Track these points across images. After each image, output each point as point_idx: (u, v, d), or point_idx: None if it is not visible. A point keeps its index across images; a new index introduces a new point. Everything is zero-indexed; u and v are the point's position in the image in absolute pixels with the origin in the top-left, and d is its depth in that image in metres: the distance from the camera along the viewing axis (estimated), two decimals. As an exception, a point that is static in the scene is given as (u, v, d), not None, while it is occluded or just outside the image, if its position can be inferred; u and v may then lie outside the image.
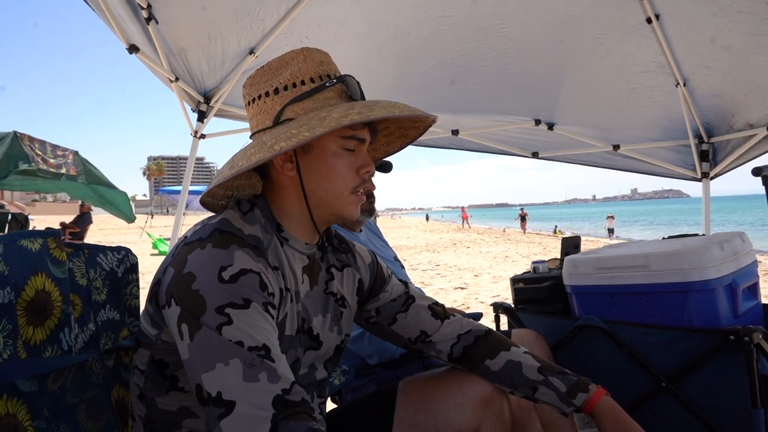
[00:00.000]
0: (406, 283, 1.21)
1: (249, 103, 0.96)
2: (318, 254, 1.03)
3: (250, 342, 0.75)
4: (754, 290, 1.74)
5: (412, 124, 1.04)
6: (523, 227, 27.87)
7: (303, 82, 0.91)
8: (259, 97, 0.93)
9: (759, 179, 1.63)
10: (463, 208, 36.59)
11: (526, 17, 2.33)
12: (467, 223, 33.62)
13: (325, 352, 1.02)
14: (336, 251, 1.10)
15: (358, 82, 0.94)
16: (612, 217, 25.25)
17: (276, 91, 0.92)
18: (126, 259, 1.12)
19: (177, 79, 2.47)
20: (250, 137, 0.96)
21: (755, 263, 1.78)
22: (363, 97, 0.94)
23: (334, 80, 0.92)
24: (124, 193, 8.12)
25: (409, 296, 1.18)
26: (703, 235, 2.23)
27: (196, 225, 0.90)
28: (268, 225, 0.92)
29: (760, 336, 1.40)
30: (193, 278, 0.78)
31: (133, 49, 2.16)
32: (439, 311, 1.18)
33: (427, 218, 54.36)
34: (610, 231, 24.07)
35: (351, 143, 0.91)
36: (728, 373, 1.44)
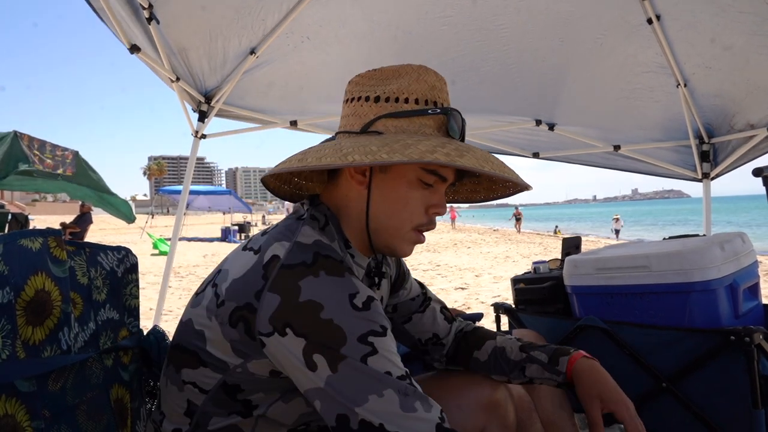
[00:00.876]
0: (421, 283, 1.20)
1: (347, 101, 0.92)
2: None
3: (396, 371, 0.73)
4: (754, 290, 1.74)
5: (502, 181, 0.99)
6: (518, 227, 27.39)
7: (407, 100, 0.87)
8: (359, 98, 0.90)
9: (760, 180, 1.63)
10: (452, 208, 36.18)
11: (527, 18, 2.32)
12: (454, 223, 33.18)
13: None
14: None
15: (464, 121, 0.90)
16: (618, 219, 24.04)
17: (377, 99, 0.88)
18: (126, 259, 1.12)
19: (178, 79, 2.48)
20: (335, 134, 0.94)
21: (756, 263, 1.78)
22: (463, 137, 0.90)
23: (438, 110, 0.87)
24: (124, 200, 8.12)
25: (427, 297, 1.17)
26: (704, 235, 2.23)
27: (280, 242, 0.82)
28: (340, 241, 0.89)
29: (761, 336, 1.40)
30: (320, 307, 0.74)
31: (134, 49, 2.16)
32: (448, 314, 1.19)
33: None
34: (616, 232, 23.15)
35: (431, 178, 0.87)
36: (729, 373, 1.44)
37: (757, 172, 1.59)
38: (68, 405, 0.90)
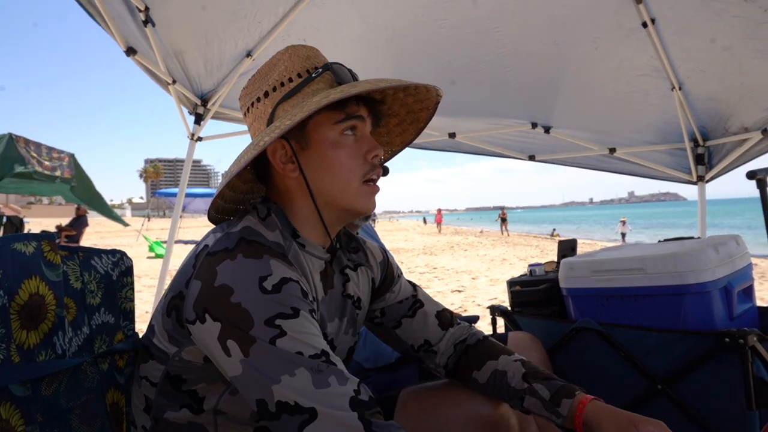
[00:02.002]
0: (415, 286, 1.16)
1: (245, 114, 0.94)
2: (331, 256, 0.99)
3: (308, 351, 0.73)
4: (748, 293, 1.75)
5: (419, 105, 1.00)
6: (504, 228, 26.73)
7: (291, 80, 0.89)
8: (252, 104, 0.92)
9: (754, 182, 1.63)
10: (438, 210, 34.30)
11: (523, 21, 2.34)
12: (440, 226, 31.63)
13: (338, 354, 0.97)
14: (347, 251, 1.05)
15: (349, 69, 0.91)
16: (625, 222, 22.40)
17: (266, 94, 0.90)
18: (121, 263, 1.12)
19: (174, 81, 2.48)
20: None
21: (750, 266, 1.78)
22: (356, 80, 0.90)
23: (320, 70, 0.89)
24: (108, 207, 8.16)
25: (416, 300, 1.12)
26: (699, 238, 2.24)
27: (215, 233, 0.86)
28: (286, 230, 0.89)
29: (755, 338, 1.41)
30: (230, 291, 0.75)
31: (130, 51, 2.16)
32: (445, 319, 1.12)
33: (425, 221, 54.27)
34: (623, 236, 21.53)
35: (348, 124, 0.87)
36: (723, 375, 1.45)
37: (750, 175, 1.59)
38: (62, 409, 0.90)
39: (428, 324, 1.10)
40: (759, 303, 1.83)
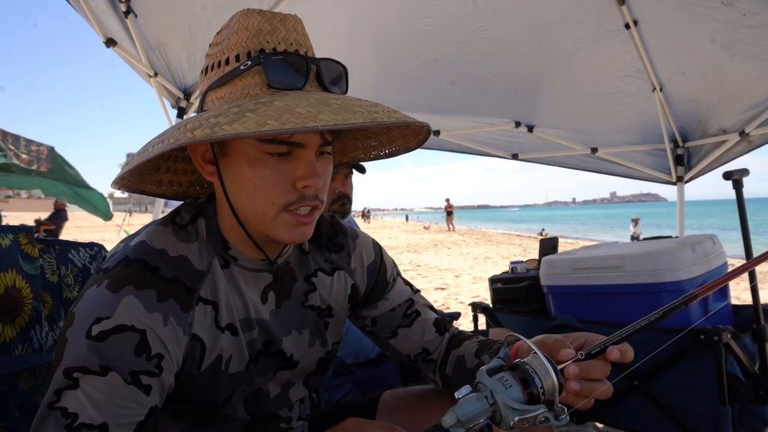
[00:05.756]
0: (413, 290, 1.02)
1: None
2: (291, 262, 0.86)
3: (85, 418, 0.60)
4: (723, 291, 1.79)
5: (406, 128, 0.82)
6: (449, 222, 24.79)
7: (227, 61, 0.69)
8: (201, 72, 0.76)
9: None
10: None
11: (507, 21, 2.35)
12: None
13: (304, 368, 0.89)
14: (326, 249, 0.92)
15: (304, 56, 0.70)
16: (637, 221, 17.08)
17: (205, 71, 0.73)
18: (99, 256, 1.10)
19: (156, 74, 2.44)
20: None
21: (725, 265, 1.82)
22: (320, 82, 0.71)
23: (249, 62, 0.67)
24: (101, 194, 7.95)
25: (413, 308, 0.98)
26: (677, 237, 2.28)
27: (125, 241, 0.74)
28: (211, 242, 0.75)
29: (729, 336, 1.44)
30: (71, 321, 0.65)
31: (110, 42, 2.13)
32: (441, 326, 0.99)
33: (407, 219, 54.42)
34: (635, 239, 15.78)
35: (279, 148, 0.68)
36: (698, 371, 1.48)
37: (727, 176, 1.63)
38: (39, 405, 0.88)
39: (426, 332, 0.97)
40: (734, 301, 1.87)
